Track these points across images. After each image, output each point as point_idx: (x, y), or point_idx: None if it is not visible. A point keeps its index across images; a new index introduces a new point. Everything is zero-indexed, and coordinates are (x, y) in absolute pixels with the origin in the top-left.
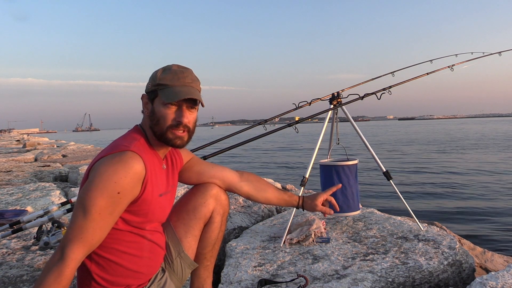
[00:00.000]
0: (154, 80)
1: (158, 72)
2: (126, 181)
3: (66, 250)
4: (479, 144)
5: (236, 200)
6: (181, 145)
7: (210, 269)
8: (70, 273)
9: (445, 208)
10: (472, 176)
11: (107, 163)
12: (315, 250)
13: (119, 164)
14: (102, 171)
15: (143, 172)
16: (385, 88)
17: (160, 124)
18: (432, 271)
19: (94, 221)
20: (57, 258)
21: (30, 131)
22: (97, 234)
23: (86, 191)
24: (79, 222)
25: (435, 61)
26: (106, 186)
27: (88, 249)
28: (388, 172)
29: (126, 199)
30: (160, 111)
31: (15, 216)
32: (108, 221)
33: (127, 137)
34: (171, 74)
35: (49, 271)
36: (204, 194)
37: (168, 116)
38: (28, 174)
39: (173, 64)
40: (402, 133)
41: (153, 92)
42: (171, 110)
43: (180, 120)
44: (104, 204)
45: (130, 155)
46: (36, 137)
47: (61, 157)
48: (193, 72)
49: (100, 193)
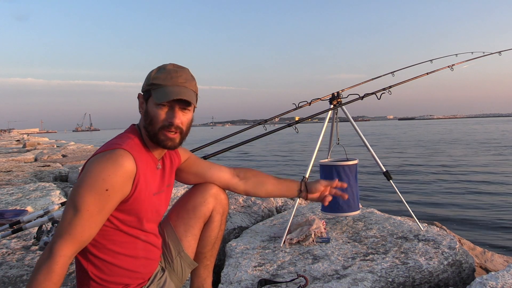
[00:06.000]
0: (148, 80)
1: (153, 71)
2: (115, 178)
3: (55, 246)
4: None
5: (236, 200)
6: (172, 146)
7: (210, 268)
8: (60, 270)
9: (445, 208)
10: (478, 176)
11: (97, 161)
12: (315, 250)
13: (109, 162)
14: (91, 168)
15: (133, 170)
16: (385, 88)
17: (152, 124)
18: (432, 271)
19: (83, 218)
20: (46, 255)
21: (30, 131)
22: (86, 231)
23: (76, 188)
24: (68, 219)
25: (435, 61)
26: (94, 183)
27: (78, 246)
28: (388, 172)
29: (115, 197)
30: (153, 111)
31: (15, 216)
32: (97, 219)
33: (121, 136)
34: (164, 73)
35: (39, 269)
36: (203, 194)
37: (159, 117)
38: (28, 174)
39: (169, 63)
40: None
41: (147, 92)
42: (163, 111)
43: (172, 121)
44: (92, 201)
45: (121, 153)
46: (36, 137)
47: (61, 157)
48: (190, 71)
49: (88, 190)
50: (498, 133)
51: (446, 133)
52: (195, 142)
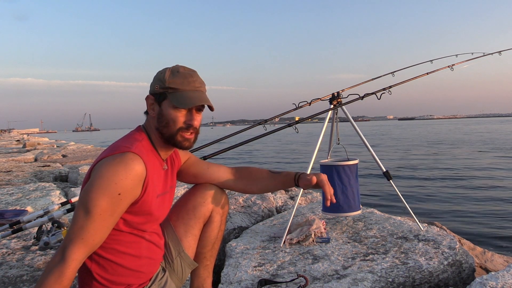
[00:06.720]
0: (162, 82)
1: (165, 74)
2: (127, 182)
3: (67, 250)
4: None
5: (236, 200)
6: (189, 147)
7: (210, 268)
8: (71, 274)
9: (446, 208)
10: (478, 174)
11: (108, 164)
12: (315, 250)
13: (120, 165)
14: (103, 172)
15: (143, 174)
16: (385, 88)
17: (169, 126)
18: (432, 271)
19: (95, 222)
20: (58, 258)
21: (30, 131)
22: (98, 235)
23: (88, 192)
24: (80, 223)
25: (435, 61)
26: (107, 187)
27: (90, 249)
28: (388, 172)
29: (126, 200)
30: (170, 113)
31: (15, 216)
32: (109, 222)
33: (129, 138)
34: (180, 77)
35: (50, 272)
36: (203, 194)
37: (178, 119)
38: (28, 174)
39: (179, 66)
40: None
41: (162, 95)
42: (181, 113)
43: (191, 123)
44: (105, 205)
45: (131, 157)
46: (36, 137)
47: (61, 157)
48: (198, 73)
49: (101, 194)
50: (498, 133)
51: (446, 133)
52: (195, 142)
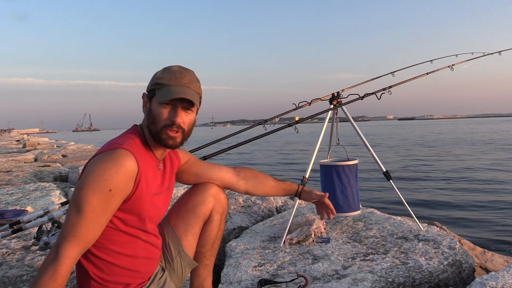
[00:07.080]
0: (153, 79)
1: (158, 71)
2: (117, 178)
3: (60, 248)
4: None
5: (236, 200)
6: (173, 145)
7: (210, 268)
8: (65, 272)
9: (445, 208)
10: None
11: (99, 161)
12: (315, 250)
13: (110, 162)
14: (94, 169)
15: (135, 170)
16: (385, 88)
17: (155, 123)
18: (432, 271)
19: (87, 219)
20: (52, 257)
21: (30, 131)
22: (91, 232)
23: (79, 190)
24: (72, 220)
25: (435, 61)
26: (97, 183)
27: (83, 247)
28: (388, 172)
29: (118, 197)
30: (156, 110)
31: (15, 216)
32: (101, 219)
33: (122, 136)
34: (169, 74)
35: (44, 270)
36: (203, 193)
37: (162, 115)
38: (28, 174)
39: (175, 65)
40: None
41: (152, 91)
42: (166, 109)
43: (174, 120)
44: (96, 202)
45: (122, 153)
46: (36, 137)
47: (61, 157)
48: (195, 74)
49: (91, 191)
50: (498, 133)
51: (446, 133)
52: (195, 142)
